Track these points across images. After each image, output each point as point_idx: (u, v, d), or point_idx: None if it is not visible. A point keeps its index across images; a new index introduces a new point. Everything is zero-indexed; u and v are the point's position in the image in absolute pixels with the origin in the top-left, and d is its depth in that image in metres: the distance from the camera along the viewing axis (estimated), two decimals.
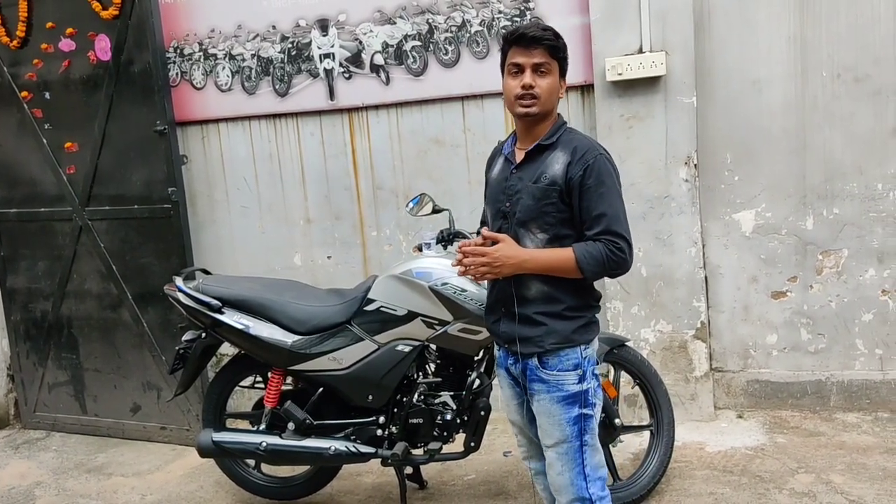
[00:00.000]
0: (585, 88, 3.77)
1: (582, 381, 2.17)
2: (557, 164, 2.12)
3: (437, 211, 3.09)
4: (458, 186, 3.99)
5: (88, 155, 4.10)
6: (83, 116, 4.09)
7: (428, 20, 3.88)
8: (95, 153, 4.08)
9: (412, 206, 3.09)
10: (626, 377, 3.22)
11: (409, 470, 3.24)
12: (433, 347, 3.06)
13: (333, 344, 3.01)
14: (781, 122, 3.69)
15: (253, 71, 4.17)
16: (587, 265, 2.06)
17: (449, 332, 2.91)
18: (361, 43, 3.99)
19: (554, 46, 2.11)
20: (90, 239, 4.18)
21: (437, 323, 2.91)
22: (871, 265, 3.71)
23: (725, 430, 3.74)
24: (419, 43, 3.91)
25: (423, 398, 3.04)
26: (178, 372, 3.25)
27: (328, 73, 4.06)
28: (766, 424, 3.75)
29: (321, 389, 3.11)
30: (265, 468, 3.40)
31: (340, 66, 4.04)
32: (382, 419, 3.07)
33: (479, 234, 2.71)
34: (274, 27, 4.10)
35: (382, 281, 3.02)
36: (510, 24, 3.76)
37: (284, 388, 3.19)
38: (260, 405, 3.25)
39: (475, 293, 2.86)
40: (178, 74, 4.26)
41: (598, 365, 2.25)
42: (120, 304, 4.18)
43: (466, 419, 3.01)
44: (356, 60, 4.02)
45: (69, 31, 4.04)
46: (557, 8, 3.69)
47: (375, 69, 4.00)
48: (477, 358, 3.05)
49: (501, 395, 2.38)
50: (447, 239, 3.05)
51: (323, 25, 4.03)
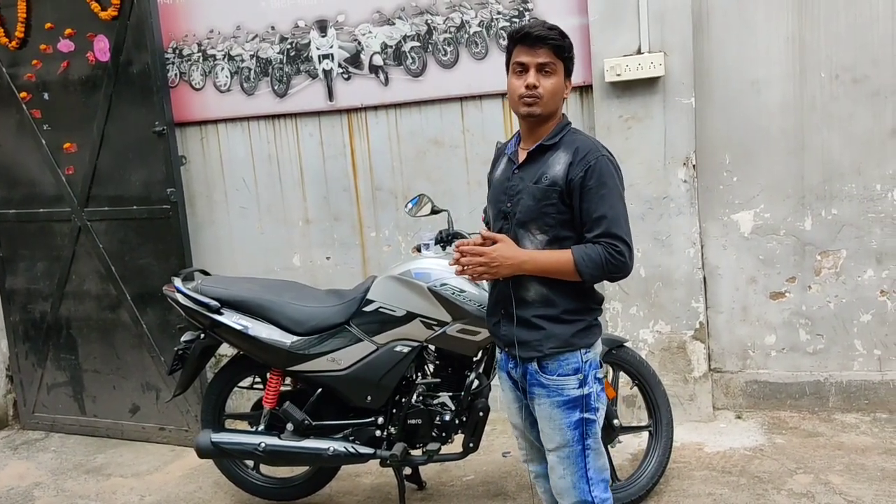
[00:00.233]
0: (584, 89, 3.77)
1: (583, 385, 2.13)
2: (559, 164, 2.09)
3: (435, 212, 3.09)
4: (456, 187, 3.99)
5: (87, 155, 4.10)
6: (82, 117, 4.09)
7: (427, 21, 3.88)
8: (94, 154, 4.08)
9: (411, 206, 3.09)
10: (624, 378, 3.22)
11: (407, 471, 3.24)
12: (432, 348, 3.06)
13: (332, 345, 3.01)
14: (780, 122, 3.69)
15: (252, 72, 4.17)
16: (585, 268, 2.03)
17: (448, 332, 2.92)
18: (360, 44, 3.99)
19: (559, 46, 2.07)
20: (89, 240, 4.18)
21: (435, 324, 2.92)
22: (869, 266, 3.71)
23: (724, 430, 3.74)
24: (418, 44, 3.91)
25: (421, 399, 3.04)
26: (176, 373, 3.26)
27: (327, 73, 4.07)
28: (764, 425, 3.75)
29: (320, 390, 3.11)
30: (264, 469, 3.40)
31: (339, 66, 4.04)
32: (381, 420, 3.07)
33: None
34: (273, 28, 4.10)
35: (381, 282, 3.02)
36: (509, 24, 3.76)
37: (283, 388, 3.19)
38: (259, 406, 3.25)
39: (474, 294, 2.86)
40: (176, 75, 4.26)
41: (600, 368, 2.21)
42: (119, 304, 4.18)
43: (465, 420, 3.02)
44: (355, 61, 4.02)
45: (68, 31, 4.04)
46: (556, 8, 3.69)
47: (374, 70, 4.00)
48: (476, 359, 3.05)
49: (502, 397, 2.36)
50: (446, 240, 3.05)
51: (322, 26, 4.03)
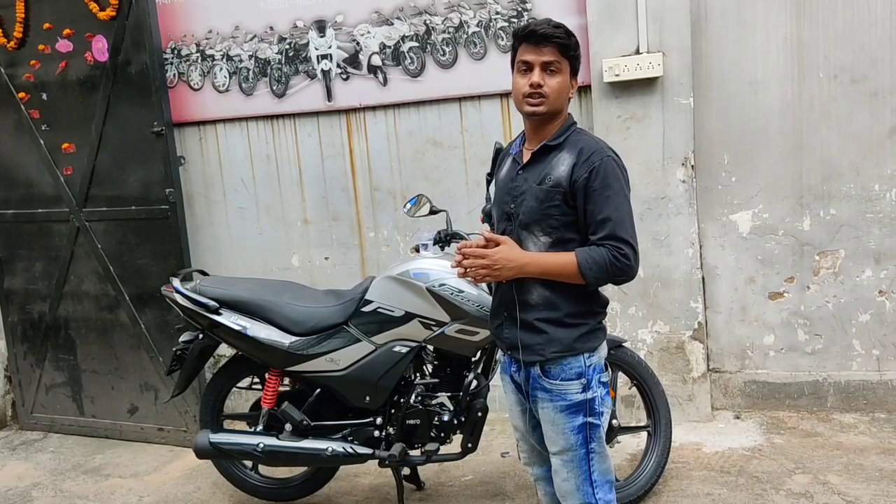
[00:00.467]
0: (582, 89, 3.76)
1: (586, 390, 2.09)
2: (563, 165, 2.05)
3: (434, 212, 3.09)
4: (455, 187, 3.99)
5: (86, 156, 4.10)
6: (80, 117, 4.09)
7: (425, 21, 3.88)
8: (93, 154, 4.08)
9: (410, 206, 3.09)
10: (623, 378, 3.22)
11: (406, 471, 3.24)
12: (430, 348, 3.07)
13: (331, 345, 3.01)
14: (778, 122, 3.70)
15: (250, 72, 4.16)
16: (589, 271, 2.00)
17: (446, 332, 2.92)
18: (359, 44, 3.99)
19: (565, 45, 2.03)
20: (87, 240, 4.17)
21: (434, 324, 2.92)
22: (868, 266, 3.72)
23: (723, 430, 3.74)
24: (416, 44, 3.91)
25: (420, 399, 3.04)
26: (175, 373, 3.25)
27: (326, 74, 4.06)
28: (763, 425, 3.75)
29: (318, 390, 3.11)
30: (262, 469, 3.40)
31: (338, 66, 4.04)
32: (380, 420, 3.07)
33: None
34: (271, 28, 4.10)
35: (380, 282, 3.02)
36: (507, 24, 3.76)
37: (282, 389, 3.19)
38: (257, 406, 3.25)
39: (472, 294, 2.86)
40: (175, 75, 4.26)
41: (605, 372, 2.17)
42: (117, 305, 4.18)
43: (464, 420, 3.01)
44: (354, 61, 4.02)
45: (66, 31, 4.03)
46: (555, 9, 3.68)
47: (373, 70, 4.00)
48: (474, 359, 3.05)
49: (505, 399, 2.34)
50: (444, 240, 3.05)
51: (320, 26, 4.03)
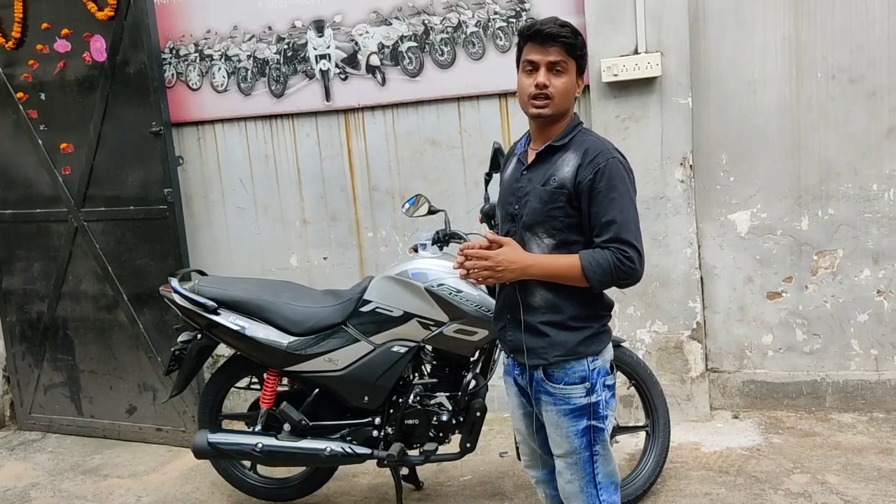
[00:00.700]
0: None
1: (590, 394, 2.07)
2: (567, 166, 2.02)
3: (432, 212, 3.09)
4: (454, 187, 3.99)
5: (84, 156, 4.10)
6: (79, 117, 4.08)
7: (424, 21, 3.88)
8: (91, 154, 4.08)
9: (408, 206, 3.09)
10: (621, 378, 3.21)
11: (405, 471, 3.24)
12: (429, 348, 3.07)
13: (329, 345, 3.01)
14: (776, 122, 3.70)
15: (249, 72, 4.16)
16: (593, 274, 1.96)
17: (445, 332, 2.92)
18: (357, 44, 3.99)
19: (571, 44, 2.00)
20: (86, 240, 4.17)
21: (432, 324, 2.92)
22: (866, 265, 3.72)
23: (721, 430, 3.74)
24: (415, 44, 3.91)
25: (418, 399, 3.04)
26: (173, 373, 3.25)
27: (324, 73, 4.06)
28: (761, 425, 3.76)
29: (317, 390, 3.11)
30: (261, 469, 3.40)
31: (336, 66, 4.04)
32: (378, 420, 3.07)
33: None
34: (270, 28, 4.10)
35: (378, 282, 3.02)
36: (506, 24, 3.76)
37: (280, 389, 3.19)
38: (256, 406, 3.25)
39: (471, 294, 2.86)
40: (173, 75, 4.25)
41: (610, 375, 2.14)
42: (116, 305, 4.18)
43: (462, 420, 3.01)
44: (352, 61, 4.02)
45: (64, 31, 4.03)
46: (553, 9, 3.68)
47: (371, 70, 4.00)
48: (473, 359, 3.05)
49: (508, 402, 2.32)
50: (443, 240, 3.05)
51: (319, 26, 4.03)
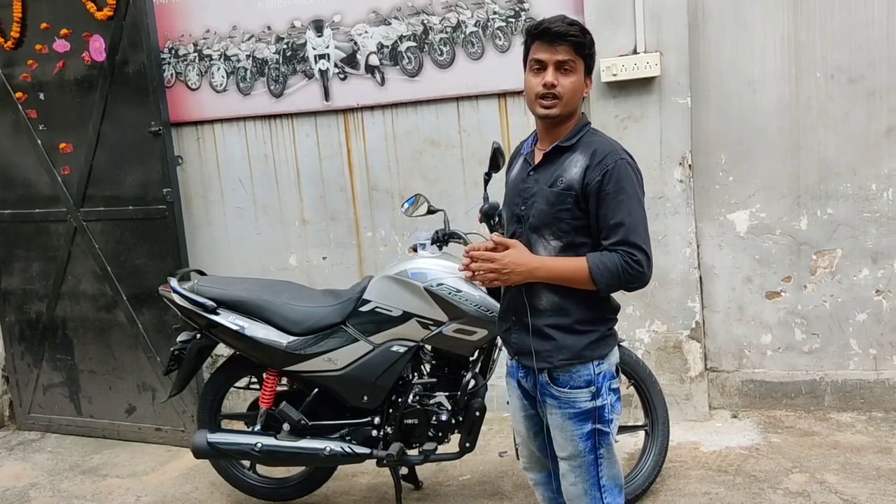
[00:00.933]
0: None
1: (595, 398, 2.05)
2: (575, 167, 1.99)
3: (432, 211, 3.10)
4: (453, 187, 3.99)
5: (83, 156, 4.10)
6: (78, 117, 4.08)
7: (423, 21, 3.88)
8: (90, 154, 4.08)
9: (407, 206, 3.09)
10: (621, 377, 3.22)
11: (404, 470, 3.24)
12: (428, 348, 3.07)
13: (329, 345, 3.01)
14: (776, 122, 3.70)
15: (248, 72, 4.16)
16: (601, 277, 1.94)
17: (444, 332, 2.92)
18: (356, 44, 3.99)
19: (580, 43, 1.98)
20: (85, 240, 4.17)
21: (432, 323, 2.92)
22: (864, 265, 3.72)
23: (720, 429, 3.74)
24: (414, 44, 3.91)
25: (418, 399, 3.04)
26: (173, 373, 3.25)
27: (323, 73, 4.06)
28: (760, 424, 3.76)
29: (316, 390, 3.11)
30: (260, 469, 3.40)
31: (335, 66, 4.04)
32: (378, 420, 3.07)
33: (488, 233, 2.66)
34: (269, 28, 4.10)
35: (377, 282, 3.02)
36: (505, 24, 3.76)
37: (279, 388, 3.19)
38: (255, 406, 3.25)
39: (470, 294, 2.86)
40: (172, 75, 4.25)
41: (616, 378, 2.13)
42: (115, 305, 4.17)
43: (461, 419, 3.02)
44: (351, 61, 4.02)
45: (64, 31, 4.03)
46: (552, 9, 3.68)
47: (370, 70, 4.00)
48: (472, 358, 3.05)
49: (510, 403, 2.31)
50: (442, 239, 3.05)
51: (318, 26, 4.03)
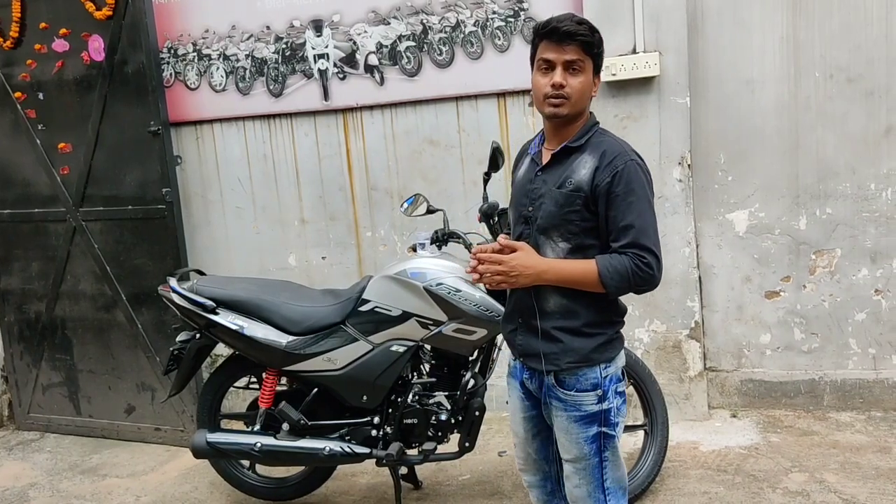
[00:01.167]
0: None
1: (602, 401, 2.03)
2: (584, 168, 1.96)
3: (431, 211, 3.10)
4: (452, 187, 3.99)
5: (82, 155, 4.09)
6: (77, 117, 4.08)
7: (422, 20, 3.88)
8: (89, 154, 4.08)
9: (407, 206, 3.09)
10: (626, 380, 3.22)
11: (403, 470, 3.24)
12: (428, 348, 3.07)
13: (328, 344, 3.01)
14: (775, 122, 3.70)
15: (247, 71, 4.16)
16: (610, 280, 1.93)
17: (443, 332, 2.92)
18: (356, 43, 3.99)
19: (588, 42, 1.94)
20: (84, 240, 4.17)
21: (431, 323, 2.92)
22: (863, 265, 3.73)
23: (719, 429, 3.75)
24: (413, 43, 3.91)
25: (417, 398, 3.04)
26: (172, 373, 3.25)
27: (322, 73, 4.06)
28: (759, 424, 3.76)
29: (316, 390, 3.11)
30: (260, 469, 3.40)
31: (335, 66, 4.04)
32: (377, 419, 3.07)
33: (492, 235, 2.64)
34: (268, 28, 4.10)
35: (377, 281, 3.02)
36: (504, 24, 3.76)
37: (279, 388, 3.19)
38: (254, 406, 3.25)
39: (470, 293, 2.86)
40: (171, 75, 4.25)
41: (622, 381, 2.10)
42: (114, 305, 4.17)
43: (461, 419, 3.01)
44: (350, 61, 4.02)
45: (63, 31, 4.03)
46: (551, 8, 3.69)
47: (370, 69, 4.00)
48: (472, 358, 3.05)
49: (509, 404, 2.30)
50: (442, 239, 3.05)
51: (317, 26, 4.03)
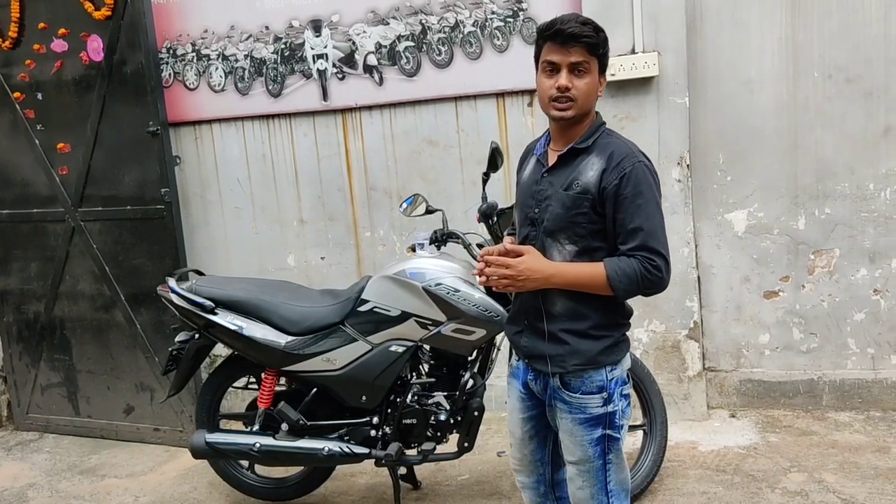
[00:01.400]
0: None
1: (607, 403, 2.02)
2: (591, 170, 1.95)
3: (430, 211, 3.10)
4: (451, 187, 3.99)
5: (81, 156, 4.09)
6: (76, 117, 4.08)
7: (421, 21, 3.88)
8: (88, 154, 4.07)
9: (406, 206, 3.09)
10: (631, 382, 3.21)
11: (402, 470, 3.25)
12: (427, 348, 3.06)
13: (327, 345, 3.01)
14: (773, 122, 3.71)
15: (246, 71, 4.16)
16: (619, 283, 1.90)
17: (442, 332, 2.92)
18: (355, 43, 3.99)
19: (594, 44, 1.92)
20: (83, 240, 4.16)
21: (430, 323, 2.92)
22: (862, 265, 3.73)
23: (718, 429, 3.75)
24: (412, 43, 3.91)
25: (416, 398, 3.04)
26: (171, 373, 3.25)
27: (321, 73, 4.06)
28: (758, 424, 3.76)
29: (315, 390, 3.10)
30: (259, 469, 3.40)
31: (334, 66, 4.04)
32: (376, 420, 3.07)
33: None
34: (267, 28, 4.09)
35: (376, 281, 3.02)
36: (503, 24, 3.76)
37: (278, 388, 3.19)
38: (253, 406, 3.25)
39: (469, 294, 2.86)
40: (170, 75, 4.25)
41: (628, 384, 2.09)
42: (113, 305, 4.17)
43: (460, 419, 3.01)
44: (349, 61, 4.02)
45: (61, 31, 4.02)
46: (550, 9, 3.69)
47: (369, 70, 4.00)
48: (471, 358, 3.05)
49: (508, 404, 2.29)
50: (441, 239, 3.05)
51: (316, 26, 4.03)
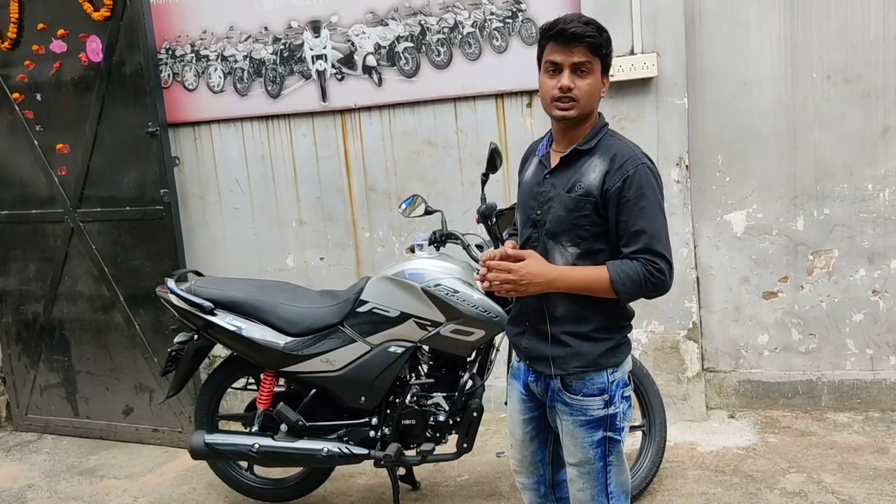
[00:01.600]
0: None
1: (608, 405, 2.02)
2: (594, 172, 1.93)
3: (429, 212, 3.10)
4: (450, 188, 3.99)
5: (80, 156, 4.09)
6: (75, 118, 4.07)
7: (420, 21, 3.88)
8: (87, 155, 4.07)
9: (405, 207, 3.09)
10: (632, 384, 3.21)
11: (401, 471, 3.25)
12: (426, 348, 3.06)
13: (326, 345, 3.01)
14: (772, 123, 3.71)
15: (245, 72, 4.16)
16: (622, 286, 1.90)
17: (441, 333, 2.92)
18: (354, 44, 3.99)
19: (596, 44, 1.90)
20: (82, 241, 4.16)
21: (429, 324, 2.91)
22: (861, 265, 3.73)
23: (717, 430, 3.75)
24: (411, 44, 3.91)
25: (415, 399, 3.04)
26: (170, 374, 3.25)
27: (320, 74, 4.06)
28: (757, 424, 3.76)
29: (314, 391, 3.10)
30: (258, 470, 3.40)
31: (333, 67, 4.04)
32: (375, 420, 3.07)
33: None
34: (266, 28, 4.10)
35: (375, 282, 3.02)
36: (502, 25, 3.77)
37: (277, 389, 3.18)
38: (252, 407, 3.25)
39: (468, 294, 2.86)
40: (169, 76, 4.25)
41: (629, 386, 2.09)
42: (112, 306, 4.17)
43: (459, 420, 3.01)
44: (348, 62, 4.02)
45: (60, 32, 4.02)
46: (549, 9, 3.69)
47: (368, 70, 4.00)
48: (470, 359, 3.05)
49: (508, 405, 2.29)
50: (440, 240, 3.05)
51: (315, 27, 4.03)
